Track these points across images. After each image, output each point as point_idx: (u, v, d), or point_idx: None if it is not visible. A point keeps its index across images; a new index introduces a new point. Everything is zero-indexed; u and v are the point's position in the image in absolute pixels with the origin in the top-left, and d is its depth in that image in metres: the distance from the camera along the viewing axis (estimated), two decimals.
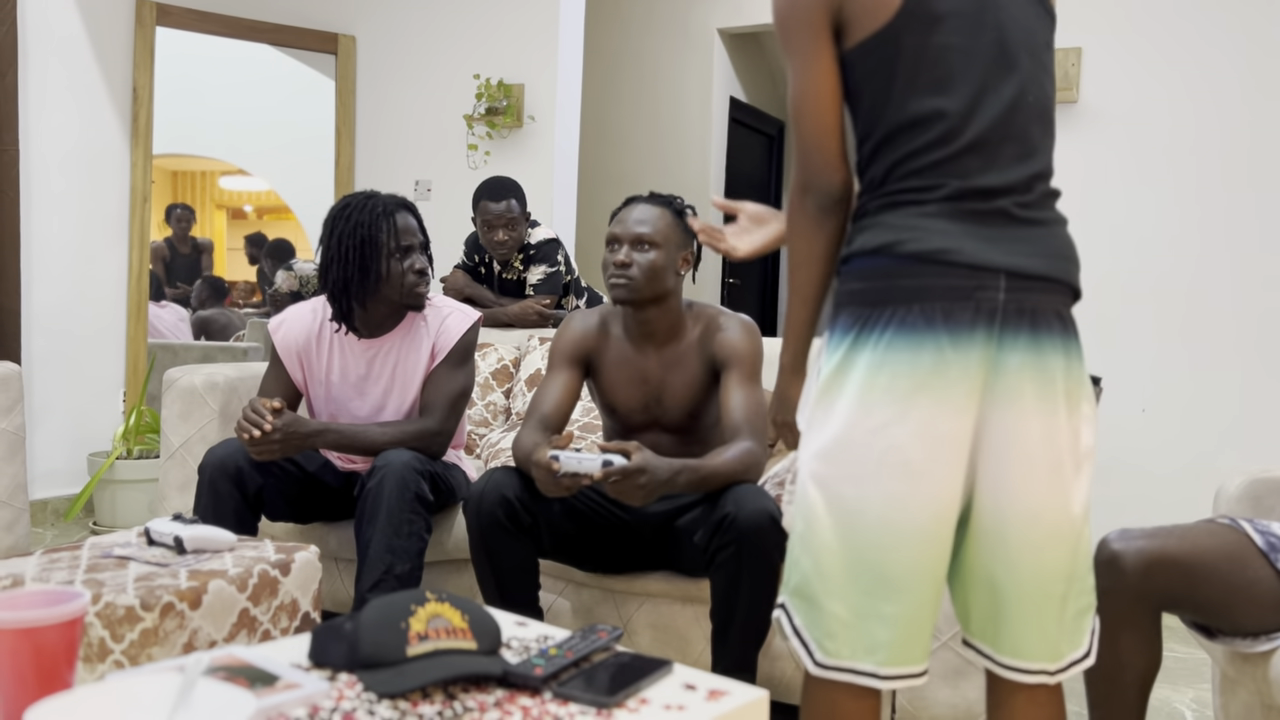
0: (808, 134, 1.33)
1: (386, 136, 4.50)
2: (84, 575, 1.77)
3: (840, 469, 1.28)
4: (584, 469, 1.82)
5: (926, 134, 1.27)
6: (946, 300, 1.25)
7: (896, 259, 1.27)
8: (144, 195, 4.16)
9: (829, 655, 1.29)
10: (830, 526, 1.28)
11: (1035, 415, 1.27)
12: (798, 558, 1.32)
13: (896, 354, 1.25)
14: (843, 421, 1.28)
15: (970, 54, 1.27)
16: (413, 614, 1.18)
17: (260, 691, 1.08)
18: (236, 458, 2.27)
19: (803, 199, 1.34)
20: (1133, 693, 1.67)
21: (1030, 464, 1.28)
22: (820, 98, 1.32)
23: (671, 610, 2.20)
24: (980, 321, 1.25)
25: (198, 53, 4.39)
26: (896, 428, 1.25)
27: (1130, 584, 1.62)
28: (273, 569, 1.86)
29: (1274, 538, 1.64)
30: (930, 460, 1.25)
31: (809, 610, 1.31)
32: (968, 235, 1.25)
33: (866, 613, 1.27)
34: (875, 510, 1.26)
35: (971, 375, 1.25)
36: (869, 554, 1.27)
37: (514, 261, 3.48)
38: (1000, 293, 1.25)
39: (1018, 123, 1.29)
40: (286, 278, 4.74)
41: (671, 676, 1.20)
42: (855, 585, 1.27)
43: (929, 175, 1.27)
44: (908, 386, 1.24)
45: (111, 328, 4.14)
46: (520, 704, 1.10)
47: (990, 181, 1.27)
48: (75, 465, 4.03)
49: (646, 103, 5.67)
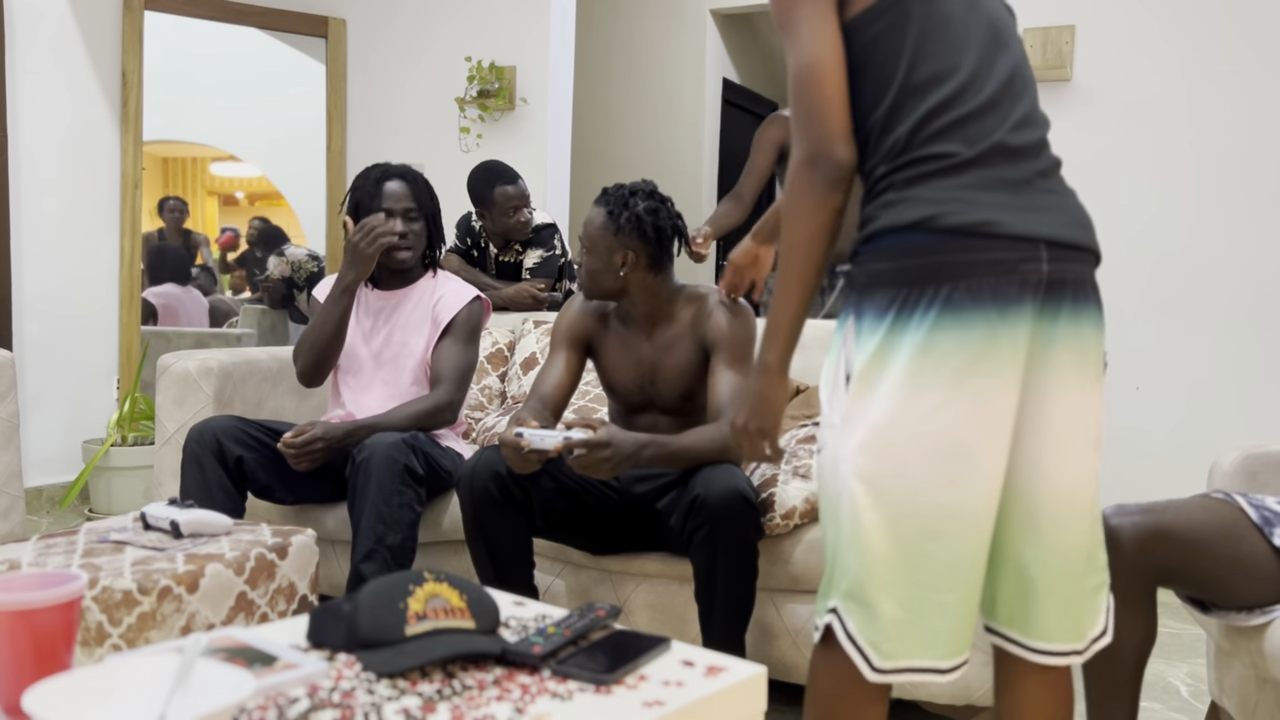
0: (816, 103, 1.26)
1: (378, 120, 4.48)
2: (80, 560, 1.76)
3: (888, 460, 1.22)
4: (546, 444, 1.86)
5: (942, 90, 1.24)
6: (993, 274, 1.20)
7: (936, 234, 1.21)
8: (135, 181, 4.13)
9: (887, 658, 1.24)
10: (879, 523, 1.23)
11: (1074, 390, 1.26)
12: (845, 560, 1.26)
13: (944, 333, 1.20)
14: (888, 409, 1.22)
15: (970, 26, 1.28)
16: (411, 594, 1.18)
17: (259, 672, 1.08)
18: (213, 429, 2.36)
19: (809, 173, 1.26)
20: (1128, 667, 1.68)
21: (1065, 441, 1.27)
22: (829, 64, 1.26)
23: (669, 590, 2.21)
24: (1026, 294, 1.22)
25: (187, 37, 4.36)
26: (948, 410, 1.20)
27: (1126, 559, 1.63)
28: (270, 552, 1.86)
29: (1268, 512, 1.64)
30: (982, 440, 1.22)
31: (862, 613, 1.25)
32: (1005, 206, 1.23)
33: (923, 607, 1.23)
34: (928, 496, 1.22)
35: (1019, 350, 1.22)
36: (923, 544, 1.22)
37: (513, 244, 3.48)
38: (1044, 264, 1.22)
39: (1018, 90, 1.29)
40: (278, 263, 4.72)
41: (670, 653, 1.20)
42: (910, 580, 1.23)
43: (952, 137, 1.24)
44: (959, 365, 1.20)
45: (104, 314, 4.12)
46: (519, 682, 1.10)
47: (1009, 140, 1.25)
48: (70, 452, 4.02)
49: (639, 84, 5.64)
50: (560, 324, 2.25)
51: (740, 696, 1.14)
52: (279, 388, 3.05)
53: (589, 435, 1.86)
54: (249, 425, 2.44)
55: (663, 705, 1.05)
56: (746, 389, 1.37)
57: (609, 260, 2.11)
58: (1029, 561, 1.30)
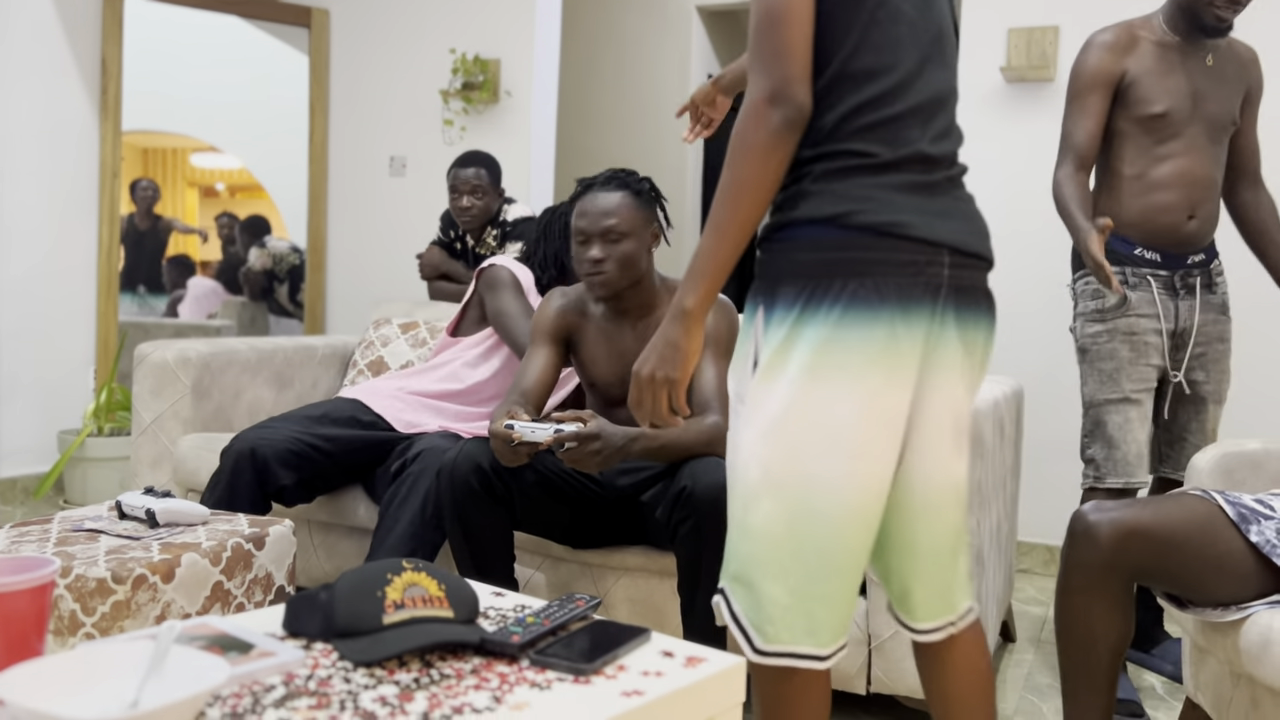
0: (785, 40, 1.23)
1: (361, 112, 4.46)
2: (54, 548, 1.75)
3: (784, 449, 1.24)
4: (537, 436, 1.84)
5: (873, 87, 1.26)
6: (900, 275, 1.23)
7: (848, 230, 1.24)
8: (114, 170, 4.10)
9: (769, 641, 1.26)
10: (773, 509, 1.25)
11: (958, 388, 1.32)
12: (735, 542, 1.29)
13: (848, 329, 1.22)
14: (788, 399, 1.24)
15: (916, 27, 1.31)
16: (389, 583, 1.17)
17: (234, 659, 1.07)
18: (265, 452, 2.31)
19: (768, 111, 1.22)
20: (1104, 662, 1.69)
21: (946, 434, 1.34)
22: (799, 5, 1.24)
23: (649, 584, 2.20)
24: (927, 297, 1.25)
25: (168, 26, 4.32)
26: (846, 404, 1.23)
27: (1103, 555, 1.64)
28: (246, 542, 1.85)
29: (1245, 509, 1.66)
30: (877, 435, 1.25)
31: (748, 595, 1.27)
32: (917, 209, 1.26)
33: (808, 594, 1.25)
34: (821, 488, 1.24)
35: (916, 351, 1.26)
36: (814, 535, 1.24)
37: (488, 238, 3.46)
38: (945, 269, 1.26)
39: (945, 103, 1.34)
40: (259, 255, 4.69)
41: (649, 644, 1.20)
42: (797, 568, 1.25)
43: (874, 137, 1.25)
44: (860, 362, 1.22)
45: (82, 304, 4.09)
46: (498, 671, 1.09)
47: (929, 150, 1.29)
48: (45, 443, 3.98)
49: (624, 79, 5.64)
50: (540, 318, 2.23)
51: (719, 687, 1.14)
52: (257, 378, 3.03)
53: (580, 428, 1.85)
54: (305, 438, 2.38)
55: (641, 695, 1.05)
56: (659, 336, 1.32)
57: (645, 240, 2.12)
58: (912, 548, 1.37)
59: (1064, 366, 3.36)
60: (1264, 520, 1.64)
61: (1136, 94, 2.31)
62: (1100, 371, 2.36)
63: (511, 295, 2.61)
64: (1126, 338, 2.34)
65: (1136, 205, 2.34)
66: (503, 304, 2.60)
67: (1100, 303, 2.36)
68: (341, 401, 2.57)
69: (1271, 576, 1.61)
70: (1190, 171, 2.32)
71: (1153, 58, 2.33)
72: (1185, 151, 2.32)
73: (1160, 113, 2.30)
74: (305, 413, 2.49)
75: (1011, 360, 3.43)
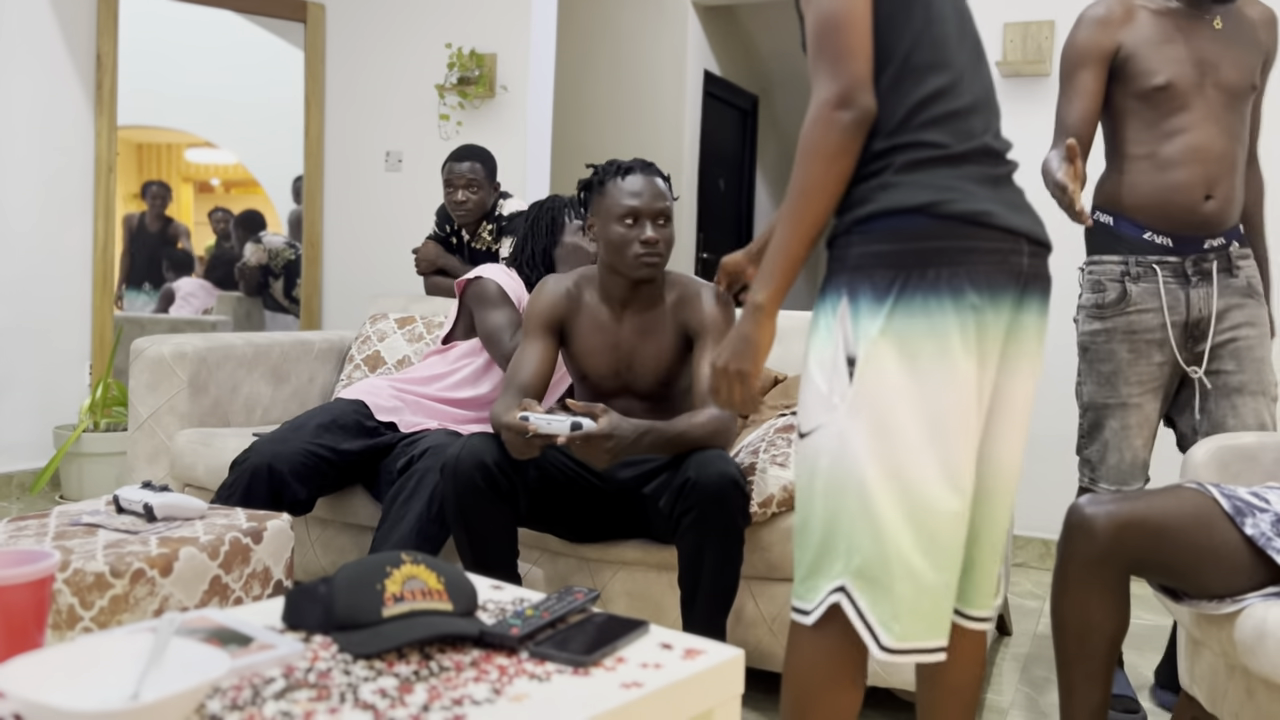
0: (847, 43, 1.25)
1: (357, 107, 4.45)
2: (52, 542, 1.74)
3: (900, 440, 1.24)
4: (553, 429, 1.84)
5: (938, 79, 1.30)
6: (988, 263, 1.26)
7: (938, 219, 1.25)
8: (109, 165, 4.09)
9: (897, 638, 1.26)
10: (892, 503, 1.25)
11: (1029, 375, 1.35)
12: (857, 538, 1.26)
13: (945, 316, 1.24)
14: (896, 389, 1.24)
15: (960, 31, 1.36)
16: (388, 576, 1.17)
17: (234, 652, 1.07)
18: (280, 465, 2.30)
19: (838, 113, 1.24)
20: (1101, 654, 1.70)
21: (1016, 420, 1.36)
22: (858, 8, 1.26)
23: (647, 578, 2.21)
24: (1011, 284, 1.29)
25: (163, 21, 4.31)
26: (950, 392, 1.25)
27: (1100, 547, 1.64)
28: (245, 536, 1.85)
29: (1240, 502, 1.66)
30: (974, 424, 1.28)
31: (873, 592, 1.26)
32: (997, 200, 1.30)
33: (937, 585, 1.26)
34: (943, 477, 1.25)
35: (1001, 336, 1.30)
36: (934, 526, 1.25)
37: (484, 233, 3.46)
38: (1025, 258, 1.30)
39: (995, 103, 1.39)
40: (255, 250, 4.69)
41: (648, 636, 1.20)
42: (929, 559, 1.25)
43: (944, 129, 1.29)
44: (958, 348, 1.25)
45: (77, 299, 4.08)
46: (497, 663, 1.10)
47: (994, 144, 1.34)
48: (41, 438, 3.98)
49: (620, 75, 5.63)
50: (533, 309, 2.20)
51: (718, 679, 1.14)
52: (254, 373, 3.03)
53: (594, 424, 1.85)
54: (317, 450, 2.37)
55: (640, 687, 1.05)
56: (734, 330, 1.35)
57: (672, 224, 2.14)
58: (982, 536, 1.39)
59: (1060, 360, 3.36)
60: (1259, 513, 1.64)
61: (1135, 67, 2.14)
62: (1099, 373, 2.23)
63: (499, 311, 2.57)
64: (1126, 337, 2.19)
65: (1148, 186, 2.15)
66: (490, 322, 2.57)
67: (1099, 296, 2.21)
68: (344, 404, 2.55)
69: (1266, 569, 1.62)
70: (1204, 146, 2.12)
71: (1150, 27, 2.15)
72: (1197, 124, 2.13)
73: (1162, 84, 2.12)
74: (313, 420, 2.45)
75: None
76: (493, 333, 2.55)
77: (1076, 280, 2.26)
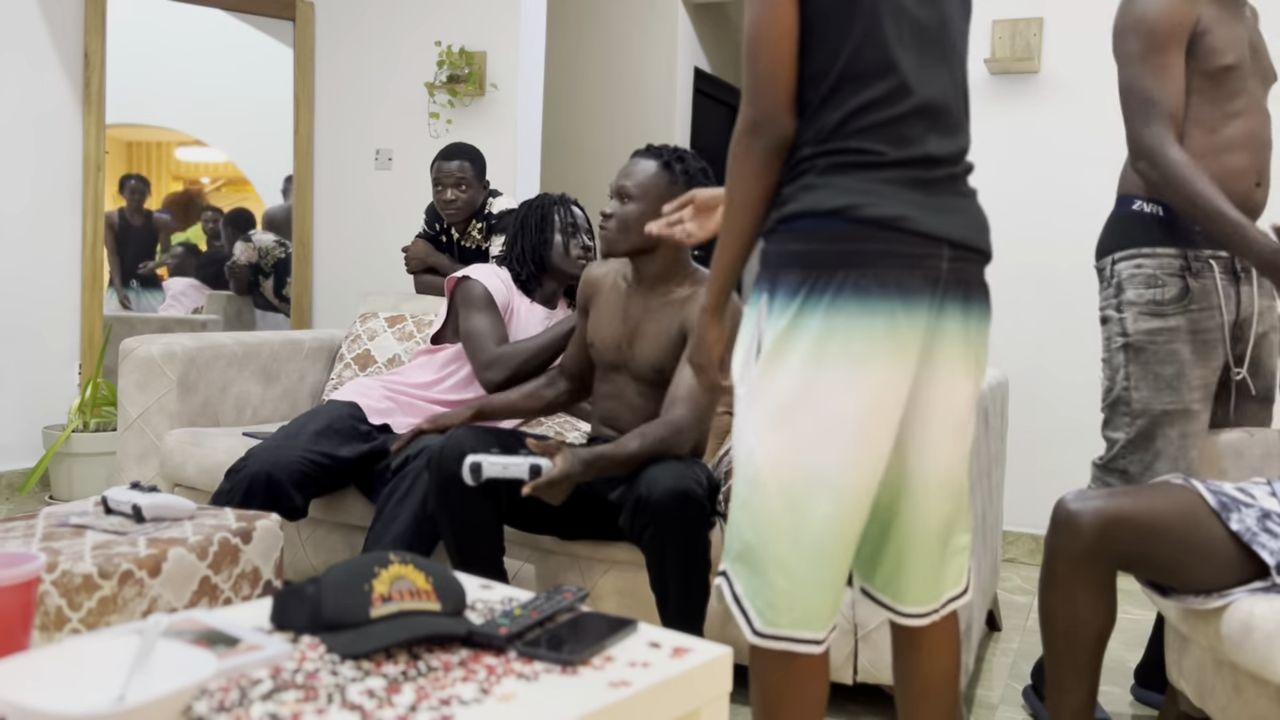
0: (765, 69, 1.30)
1: (346, 105, 4.44)
2: (40, 544, 1.74)
3: (789, 435, 1.28)
4: (510, 475, 1.92)
5: (877, 87, 1.29)
6: (900, 267, 1.27)
7: (852, 222, 1.27)
8: (98, 164, 4.07)
9: (769, 624, 1.31)
10: (777, 494, 1.29)
11: (958, 378, 1.35)
12: (741, 526, 1.33)
13: (850, 318, 1.26)
14: (792, 387, 1.28)
15: (922, 26, 1.33)
16: (376, 576, 1.17)
17: (221, 653, 1.07)
18: (279, 474, 2.30)
19: (751, 140, 1.31)
20: (1089, 649, 1.70)
21: (945, 424, 1.37)
22: (779, 31, 1.29)
23: (637, 577, 2.21)
24: (926, 289, 1.29)
25: (152, 18, 4.29)
26: (848, 393, 1.26)
27: (1087, 543, 1.65)
28: (234, 537, 1.85)
29: (1226, 497, 1.67)
30: (876, 425, 1.28)
31: (751, 578, 1.32)
32: (917, 204, 1.29)
33: (809, 580, 1.29)
34: (825, 476, 1.28)
35: (916, 340, 1.29)
36: (814, 522, 1.28)
37: (473, 231, 3.46)
38: (944, 262, 1.30)
39: (952, 96, 1.36)
40: (245, 249, 4.67)
41: (636, 635, 1.20)
42: (799, 553, 1.29)
43: (879, 136, 1.29)
44: (861, 350, 1.26)
45: (66, 299, 4.06)
46: (485, 663, 1.10)
47: (933, 150, 1.32)
48: (30, 439, 3.96)
49: (611, 72, 5.63)
50: (579, 293, 2.32)
51: (706, 677, 1.14)
52: (244, 372, 3.02)
53: (551, 467, 1.91)
54: (314, 458, 2.37)
55: (629, 686, 1.05)
56: (695, 330, 1.48)
57: (654, 211, 2.11)
58: (907, 535, 1.40)
59: (1049, 357, 3.37)
60: (1245, 508, 1.65)
61: (1208, 43, 1.99)
62: (1157, 376, 2.01)
63: (481, 315, 2.58)
64: (1190, 337, 2.00)
65: (1207, 171, 1.97)
66: (472, 324, 2.57)
67: (1158, 292, 2.02)
68: (339, 408, 2.53)
69: (1252, 564, 1.62)
70: (1257, 131, 2.04)
71: (1218, 3, 2.02)
72: (1250, 109, 2.03)
73: (1230, 64, 1.99)
74: (309, 425, 2.43)
75: (997, 351, 3.45)
76: (472, 337, 2.55)
77: (1100, 278, 2.11)
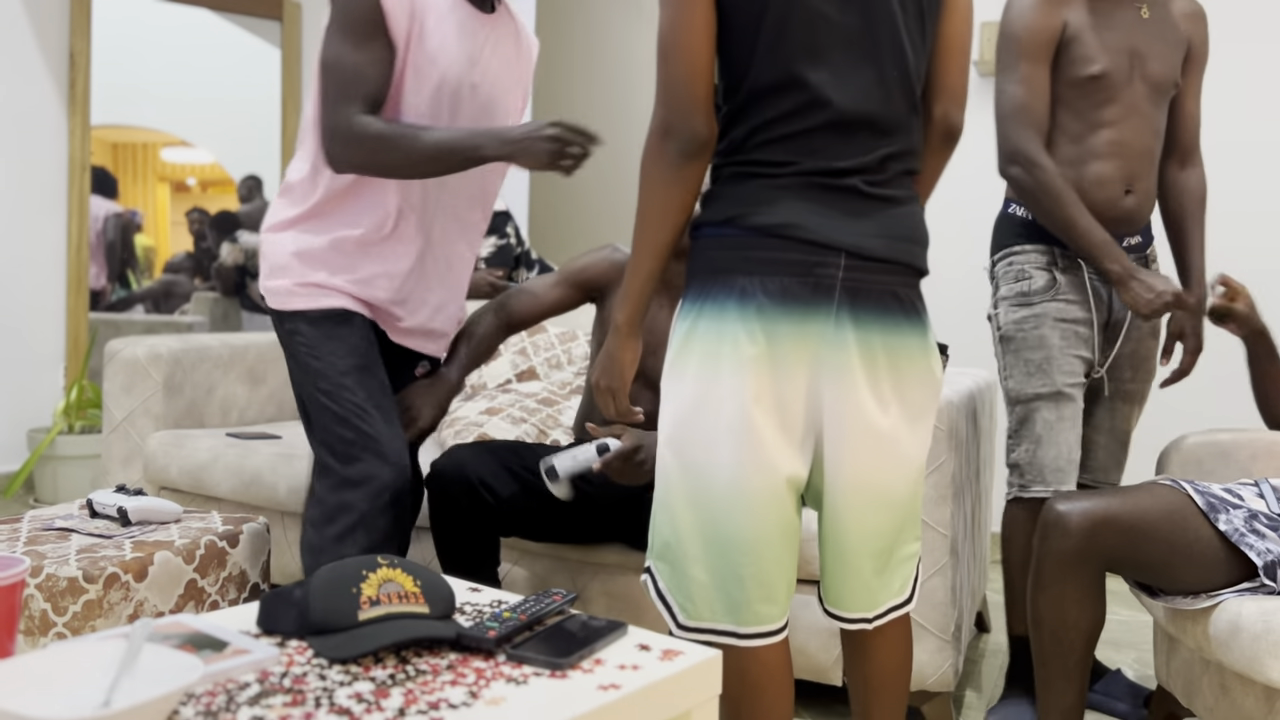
0: (676, 73, 1.26)
1: None
2: (24, 547, 1.73)
3: (691, 435, 1.31)
4: (580, 464, 1.78)
5: (786, 102, 1.27)
6: (787, 275, 1.27)
7: (743, 231, 1.28)
8: (83, 164, 4.05)
9: (690, 617, 1.34)
10: (684, 492, 1.32)
11: (862, 392, 1.30)
12: (659, 522, 1.36)
13: (737, 325, 1.27)
14: (692, 389, 1.30)
15: (835, 26, 1.27)
16: (364, 579, 1.16)
17: (208, 657, 1.07)
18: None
19: (663, 144, 1.28)
20: (1077, 650, 1.71)
21: (861, 438, 1.32)
22: (693, 34, 1.26)
23: (626, 580, 2.21)
24: (819, 298, 1.27)
25: (138, 18, 4.27)
26: (738, 396, 1.28)
27: (1075, 544, 1.65)
28: (220, 540, 1.84)
29: (1214, 498, 1.68)
30: (764, 427, 1.29)
31: (671, 573, 1.35)
32: (813, 212, 1.27)
33: (723, 574, 1.31)
34: (723, 475, 1.30)
35: (806, 349, 1.28)
36: (719, 517, 1.31)
37: None
38: (839, 270, 1.28)
39: (877, 100, 1.29)
40: (231, 250, 4.65)
41: (626, 638, 1.20)
42: (710, 548, 1.31)
43: (784, 149, 1.28)
44: (748, 355, 1.27)
45: (51, 301, 4.04)
46: (474, 666, 1.09)
47: (842, 163, 1.28)
48: (14, 441, 3.94)
49: (598, 74, 5.63)
50: (578, 263, 2.11)
51: (696, 680, 1.14)
52: (230, 374, 3.01)
53: (620, 443, 1.79)
54: None
55: (618, 689, 1.05)
56: (603, 348, 1.42)
57: None
58: (834, 544, 1.40)
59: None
60: (1233, 509, 1.66)
61: (1075, 52, 2.03)
62: (1028, 362, 2.09)
63: (350, 41, 1.88)
64: (1056, 324, 2.08)
65: (1069, 177, 2.06)
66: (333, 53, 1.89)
67: (1025, 284, 2.11)
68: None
69: (1240, 565, 1.63)
70: (1128, 141, 2.06)
71: (1089, 10, 2.05)
72: (1123, 118, 2.06)
73: (1098, 73, 2.03)
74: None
75: (983, 354, 3.46)
76: (330, 73, 1.86)
77: (988, 278, 2.18)
